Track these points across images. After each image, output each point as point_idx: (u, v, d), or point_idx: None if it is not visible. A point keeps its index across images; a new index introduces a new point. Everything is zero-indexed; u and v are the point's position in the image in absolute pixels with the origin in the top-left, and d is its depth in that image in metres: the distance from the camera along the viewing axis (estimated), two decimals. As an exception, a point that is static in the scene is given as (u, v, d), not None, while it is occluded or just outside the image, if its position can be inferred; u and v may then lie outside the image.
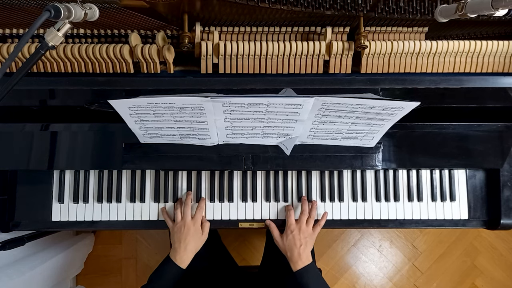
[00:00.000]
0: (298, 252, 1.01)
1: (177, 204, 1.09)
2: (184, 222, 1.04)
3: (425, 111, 0.98)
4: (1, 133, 1.03)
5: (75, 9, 0.70)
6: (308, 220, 1.07)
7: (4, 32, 0.98)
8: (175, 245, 1.03)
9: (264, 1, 0.88)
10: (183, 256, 1.01)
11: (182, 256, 1.01)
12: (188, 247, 1.02)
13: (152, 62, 0.98)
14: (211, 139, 1.00)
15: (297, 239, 1.03)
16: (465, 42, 0.97)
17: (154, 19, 0.92)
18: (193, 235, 1.03)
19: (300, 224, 1.05)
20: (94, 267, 1.91)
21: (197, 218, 1.06)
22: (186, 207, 1.06)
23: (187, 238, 1.02)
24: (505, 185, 1.08)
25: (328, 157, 1.04)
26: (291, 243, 1.03)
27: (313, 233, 1.06)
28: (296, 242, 1.03)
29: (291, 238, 1.03)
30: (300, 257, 1.01)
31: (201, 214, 1.07)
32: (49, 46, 0.68)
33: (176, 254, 1.01)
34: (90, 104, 0.97)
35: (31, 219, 1.11)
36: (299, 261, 1.01)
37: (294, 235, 1.04)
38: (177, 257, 1.01)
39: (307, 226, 1.06)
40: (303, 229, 1.05)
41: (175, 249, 1.02)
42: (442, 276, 1.97)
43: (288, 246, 1.03)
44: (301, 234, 1.04)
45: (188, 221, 1.04)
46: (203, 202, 1.10)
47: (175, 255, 1.01)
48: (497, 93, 0.99)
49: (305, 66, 1.00)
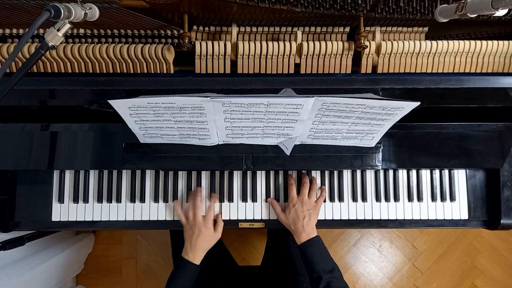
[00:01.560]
0: (302, 225, 1.00)
1: (190, 203, 1.08)
2: (195, 222, 1.05)
3: (425, 111, 0.98)
4: (1, 133, 1.03)
5: (75, 9, 0.69)
6: (310, 192, 1.06)
7: (4, 32, 0.98)
8: (186, 243, 1.04)
9: (264, 1, 0.88)
10: (195, 254, 1.02)
11: (194, 254, 1.02)
12: (198, 246, 1.03)
13: (152, 62, 0.98)
14: (211, 139, 1.00)
15: (300, 212, 1.02)
16: (465, 42, 0.97)
17: (154, 19, 0.92)
18: (203, 235, 1.03)
19: (302, 196, 1.04)
20: (94, 267, 1.91)
21: (208, 218, 1.06)
22: (196, 208, 1.06)
23: (198, 238, 1.03)
24: (505, 185, 1.08)
25: (328, 157, 1.04)
26: (294, 216, 1.02)
27: (316, 205, 1.05)
28: (299, 215, 1.01)
29: (293, 212, 1.02)
30: (304, 229, 1.00)
31: (211, 213, 1.07)
32: (49, 46, 0.68)
33: (188, 253, 1.02)
34: (90, 104, 0.97)
35: (31, 219, 1.11)
36: (303, 233, 1.00)
37: (297, 208, 1.02)
38: (190, 255, 1.02)
39: (309, 198, 1.05)
40: (305, 201, 1.04)
41: (186, 248, 1.04)
42: (442, 276, 1.97)
43: (292, 219, 1.02)
44: (304, 206, 1.03)
45: (199, 221, 1.04)
46: (214, 199, 1.09)
47: (187, 252, 1.03)
48: (497, 93, 0.99)
49: (305, 66, 1.00)
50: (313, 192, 1.06)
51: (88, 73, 1.00)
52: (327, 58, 0.99)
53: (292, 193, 1.06)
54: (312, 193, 1.06)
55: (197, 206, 1.06)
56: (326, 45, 0.97)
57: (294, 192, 1.06)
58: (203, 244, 1.03)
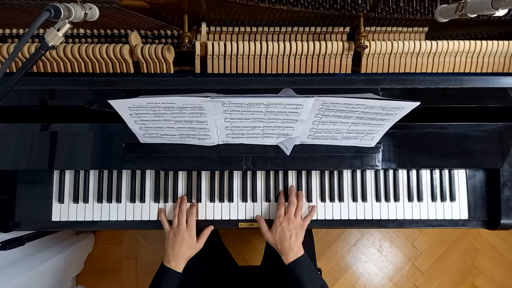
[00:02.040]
0: (289, 244, 0.99)
1: (175, 209, 1.08)
2: (179, 229, 1.04)
3: (425, 111, 0.98)
4: (1, 133, 1.03)
5: (75, 9, 0.70)
6: (297, 210, 1.05)
7: (4, 32, 0.98)
8: (168, 251, 1.03)
9: (264, 1, 0.88)
10: (177, 261, 1.01)
11: (176, 262, 1.01)
12: (180, 254, 1.01)
13: (152, 62, 0.98)
14: (211, 139, 1.00)
15: (287, 230, 1.01)
16: (465, 42, 0.97)
17: (154, 19, 0.92)
18: (186, 244, 1.02)
19: (289, 215, 1.03)
20: (94, 267, 1.91)
21: (191, 225, 1.05)
22: (181, 214, 1.06)
23: (181, 246, 1.02)
24: (505, 185, 1.08)
25: (328, 157, 1.04)
26: (281, 235, 1.01)
27: (303, 224, 1.04)
28: (286, 234, 1.00)
29: (280, 230, 1.01)
30: (291, 249, 0.99)
31: (193, 220, 1.06)
32: (49, 46, 0.68)
33: (170, 261, 1.01)
34: (90, 104, 0.97)
35: (31, 219, 1.11)
36: (290, 253, 0.98)
37: (283, 226, 1.01)
38: (172, 262, 1.01)
39: (296, 216, 1.04)
40: (292, 220, 1.03)
41: (167, 255, 1.02)
42: (442, 276, 1.97)
43: (279, 238, 1.01)
44: (290, 225, 1.01)
45: (182, 228, 1.04)
46: (195, 208, 1.08)
47: (168, 260, 1.01)
48: (497, 93, 0.99)
49: (305, 66, 1.00)
50: (299, 210, 1.06)
51: (88, 73, 1.00)
52: (327, 58, 0.99)
53: (279, 212, 1.05)
54: (298, 212, 1.05)
55: (182, 212, 1.06)
56: (326, 45, 0.97)
57: (282, 211, 1.05)
58: (185, 251, 1.02)
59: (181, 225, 1.04)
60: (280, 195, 1.09)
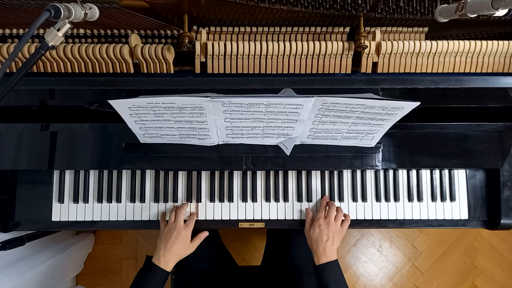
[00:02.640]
0: (324, 247, 0.99)
1: (174, 207, 1.09)
2: (175, 225, 1.03)
3: (425, 111, 0.98)
4: (1, 133, 1.03)
5: (75, 9, 0.70)
6: (337, 215, 1.05)
7: (4, 32, 0.98)
8: (160, 245, 1.01)
9: (264, 1, 0.88)
10: (167, 258, 0.99)
11: (166, 258, 0.98)
12: (173, 250, 1.00)
13: (152, 62, 0.98)
14: (211, 139, 1.00)
15: (325, 234, 1.00)
16: (465, 42, 0.97)
17: (154, 19, 0.92)
18: (181, 241, 1.02)
19: (329, 219, 1.03)
20: (94, 267, 1.91)
21: (189, 224, 1.05)
22: (180, 211, 1.05)
23: (174, 243, 1.00)
24: (505, 185, 1.08)
25: (328, 157, 1.04)
26: (318, 236, 1.01)
27: (341, 230, 1.04)
28: (323, 237, 1.00)
29: (318, 232, 1.01)
30: (325, 252, 0.98)
31: (193, 222, 1.06)
32: (49, 46, 0.68)
33: (159, 256, 0.99)
34: (90, 104, 0.97)
35: (31, 219, 1.11)
36: (323, 256, 0.98)
37: (322, 229, 1.01)
38: (161, 259, 0.98)
39: (336, 221, 1.04)
40: (331, 224, 1.02)
41: (159, 249, 1.00)
42: (442, 276, 1.97)
43: (315, 239, 1.01)
44: (329, 229, 1.01)
45: (179, 225, 1.03)
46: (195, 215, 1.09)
47: (158, 257, 0.99)
48: (497, 93, 0.99)
49: (305, 66, 1.00)
50: (339, 215, 1.05)
51: (88, 73, 1.00)
52: (327, 58, 0.99)
53: (320, 213, 1.05)
54: (339, 217, 1.05)
55: (181, 209, 1.06)
56: (326, 45, 0.97)
57: (322, 213, 1.05)
58: (178, 249, 1.01)
59: (179, 221, 1.04)
60: (323, 198, 1.10)
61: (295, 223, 1.12)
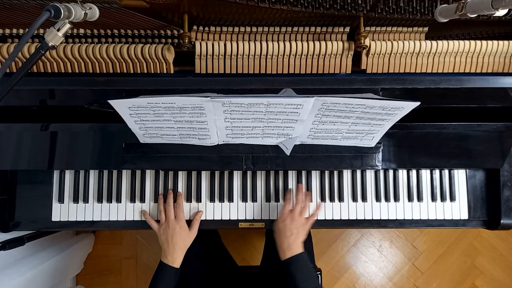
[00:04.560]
0: (288, 242, 0.99)
1: (159, 205, 1.08)
2: (168, 222, 1.04)
3: (425, 111, 0.98)
4: (1, 133, 1.03)
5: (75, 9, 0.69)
6: (303, 209, 1.05)
7: (4, 32, 0.98)
8: (164, 246, 1.03)
9: (264, 1, 0.88)
10: (173, 255, 1.01)
11: (173, 256, 1.01)
12: (176, 246, 1.01)
13: (152, 62, 0.98)
14: (211, 139, 1.00)
15: (288, 229, 1.00)
16: (465, 42, 0.97)
17: (154, 19, 0.92)
18: (179, 233, 1.03)
19: (293, 214, 1.03)
20: (94, 267, 1.91)
21: (179, 216, 1.05)
22: (168, 207, 1.06)
23: (173, 238, 1.02)
24: (505, 185, 1.08)
25: (328, 157, 1.04)
26: (281, 233, 1.01)
27: (306, 223, 1.04)
28: (287, 232, 1.00)
29: (282, 227, 1.01)
30: (289, 247, 0.98)
31: (181, 210, 1.06)
32: (49, 46, 0.68)
33: (167, 256, 1.01)
34: (90, 104, 0.97)
35: (31, 219, 1.11)
36: (287, 251, 0.98)
37: (286, 224, 1.01)
38: (168, 258, 1.01)
39: (300, 215, 1.04)
40: (295, 218, 1.02)
41: (164, 251, 1.02)
42: (442, 276, 1.97)
43: (278, 235, 1.01)
44: (293, 224, 1.01)
45: (172, 220, 1.04)
46: (181, 198, 1.09)
47: (166, 256, 1.01)
48: (497, 93, 0.99)
49: (305, 66, 1.00)
50: (305, 210, 1.05)
51: (88, 73, 1.00)
52: (327, 58, 0.99)
53: (285, 208, 1.05)
54: (304, 211, 1.05)
55: (169, 205, 1.06)
56: (326, 45, 0.97)
57: (287, 208, 1.05)
58: (179, 243, 1.02)
59: (170, 217, 1.04)
60: (287, 192, 1.09)
61: (295, 223, 1.11)
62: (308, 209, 1.08)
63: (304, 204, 1.06)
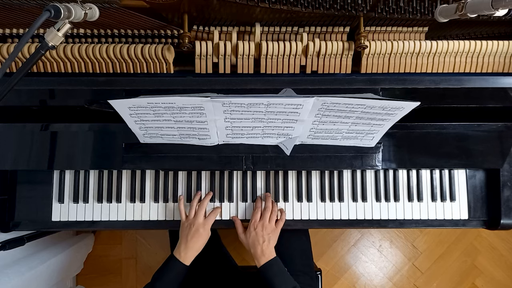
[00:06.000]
0: (261, 249, 1.02)
1: (194, 201, 1.08)
2: (196, 220, 1.04)
3: (425, 111, 0.98)
4: (1, 133, 1.03)
5: (75, 9, 0.70)
6: (271, 216, 1.07)
7: (4, 32, 0.98)
8: (181, 240, 1.03)
9: (264, 1, 0.88)
10: (188, 253, 1.01)
11: (187, 253, 1.01)
12: (195, 245, 1.02)
13: (152, 62, 0.98)
14: (211, 139, 1.00)
15: (260, 236, 1.03)
16: (465, 42, 0.97)
17: (154, 19, 0.92)
18: (200, 235, 1.03)
19: (263, 221, 1.05)
20: (94, 267, 1.91)
21: (209, 221, 1.06)
22: (201, 207, 1.06)
23: (194, 237, 1.02)
24: (505, 185, 1.08)
25: (328, 157, 1.04)
26: (254, 240, 1.03)
27: (276, 229, 1.06)
28: (259, 239, 1.03)
29: (254, 235, 1.04)
30: (263, 253, 1.02)
31: (214, 218, 1.08)
32: (49, 46, 0.68)
33: (181, 251, 1.01)
34: (90, 104, 0.97)
35: (31, 219, 1.11)
36: (262, 257, 1.02)
37: (257, 231, 1.04)
38: (182, 254, 1.01)
39: (270, 222, 1.06)
40: (265, 225, 1.05)
41: (180, 245, 1.02)
42: (442, 276, 1.97)
43: (252, 243, 1.04)
44: (264, 231, 1.04)
45: (200, 221, 1.04)
46: (219, 209, 1.10)
47: (179, 251, 1.01)
48: (497, 93, 0.99)
49: (305, 66, 1.00)
50: (273, 215, 1.07)
51: (88, 73, 1.00)
52: (327, 58, 0.99)
53: (255, 217, 1.06)
54: (273, 217, 1.07)
55: (203, 206, 1.07)
56: (326, 45, 0.97)
57: (257, 216, 1.06)
58: (197, 244, 1.03)
59: (198, 218, 1.05)
60: (257, 200, 1.10)
61: (295, 223, 1.12)
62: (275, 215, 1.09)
63: (271, 210, 1.08)
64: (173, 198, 1.12)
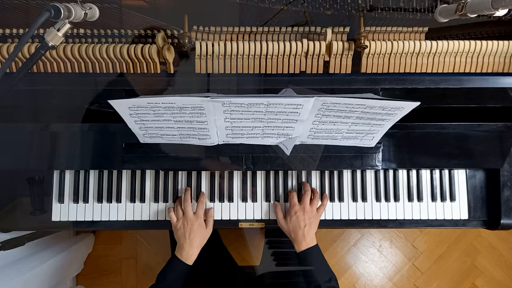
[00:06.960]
0: (303, 233, 1.00)
1: (177, 203, 1.09)
2: (186, 217, 1.04)
3: (425, 111, 0.98)
4: (1, 133, 1.03)
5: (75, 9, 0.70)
6: (312, 200, 1.05)
7: (4, 32, 0.98)
8: (180, 241, 1.02)
9: (264, 1, 0.88)
10: (189, 252, 1.01)
11: (188, 252, 1.00)
12: (193, 242, 1.01)
13: (153, 62, 0.98)
14: (211, 139, 1.00)
15: (301, 220, 1.01)
16: (465, 42, 0.97)
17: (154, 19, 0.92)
18: (197, 230, 1.02)
19: (304, 205, 1.04)
20: (94, 267, 1.91)
21: (199, 213, 1.05)
22: (186, 203, 1.06)
23: (191, 233, 1.02)
24: (505, 185, 1.08)
25: (328, 157, 1.04)
26: (295, 224, 1.01)
27: (317, 214, 1.05)
28: (301, 223, 1.01)
29: (295, 219, 1.02)
30: (305, 238, 1.00)
31: (202, 208, 1.07)
32: (49, 46, 0.69)
33: (182, 251, 1.01)
34: (90, 104, 0.97)
35: (31, 219, 1.11)
36: (303, 242, 1.00)
37: (298, 215, 1.02)
38: (183, 254, 1.00)
39: (311, 206, 1.04)
40: (307, 210, 1.03)
41: (180, 246, 1.02)
42: (442, 276, 1.97)
43: (293, 227, 1.02)
44: (305, 215, 1.02)
45: (190, 216, 1.04)
46: (203, 196, 1.09)
47: (181, 252, 1.01)
48: (497, 93, 0.99)
49: (305, 66, 1.00)
50: (315, 200, 1.06)
51: (88, 73, 1.00)
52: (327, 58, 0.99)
53: (293, 200, 1.05)
54: (314, 202, 1.05)
55: (187, 201, 1.06)
56: (326, 45, 0.96)
57: (295, 200, 1.05)
58: (196, 240, 1.02)
59: (188, 213, 1.04)
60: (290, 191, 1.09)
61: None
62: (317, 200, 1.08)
63: (313, 195, 1.06)
64: (173, 198, 1.12)
